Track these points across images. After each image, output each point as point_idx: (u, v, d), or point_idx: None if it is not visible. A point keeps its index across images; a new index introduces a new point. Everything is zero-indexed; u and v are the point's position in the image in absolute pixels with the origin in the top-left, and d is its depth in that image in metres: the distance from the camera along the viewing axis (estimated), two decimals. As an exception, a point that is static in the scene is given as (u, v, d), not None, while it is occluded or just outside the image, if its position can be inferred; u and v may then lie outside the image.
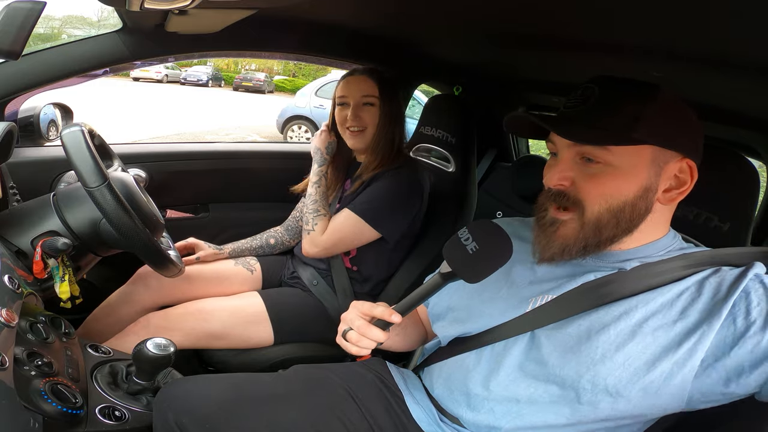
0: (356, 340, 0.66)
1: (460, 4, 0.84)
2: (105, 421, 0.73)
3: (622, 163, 0.60)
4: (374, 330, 0.66)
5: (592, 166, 0.62)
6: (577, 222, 0.63)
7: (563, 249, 0.65)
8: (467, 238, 0.61)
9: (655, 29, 0.68)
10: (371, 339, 0.65)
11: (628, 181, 0.61)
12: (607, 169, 0.61)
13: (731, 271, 0.60)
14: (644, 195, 0.61)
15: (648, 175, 0.61)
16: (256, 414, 0.72)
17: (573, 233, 0.64)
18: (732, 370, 0.55)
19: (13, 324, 0.63)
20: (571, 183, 0.64)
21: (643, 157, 0.61)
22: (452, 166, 1.37)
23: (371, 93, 1.18)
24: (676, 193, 0.63)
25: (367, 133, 1.20)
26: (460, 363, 0.74)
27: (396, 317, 0.65)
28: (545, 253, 0.67)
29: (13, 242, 0.83)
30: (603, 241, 0.63)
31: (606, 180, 0.61)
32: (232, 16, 0.94)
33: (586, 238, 0.63)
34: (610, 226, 0.62)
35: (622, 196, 0.61)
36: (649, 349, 0.58)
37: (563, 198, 0.64)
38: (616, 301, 0.62)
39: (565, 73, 1.21)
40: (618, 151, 0.60)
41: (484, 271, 0.61)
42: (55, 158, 1.26)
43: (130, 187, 0.95)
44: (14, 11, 0.79)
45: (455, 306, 0.78)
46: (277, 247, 1.39)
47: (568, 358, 0.62)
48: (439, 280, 0.62)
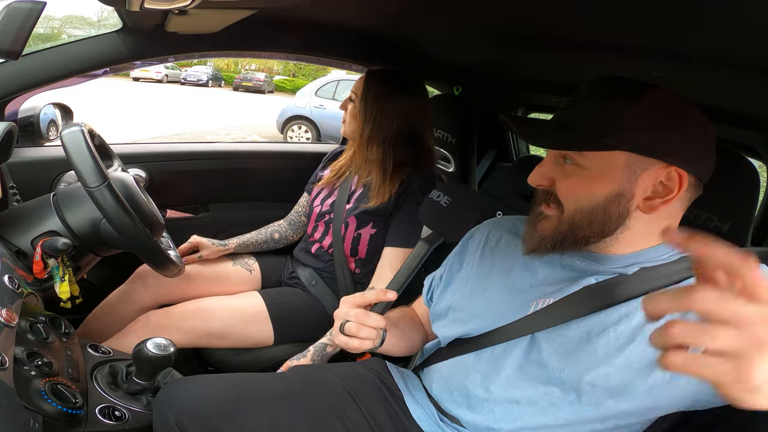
0: (356, 331, 0.65)
1: (460, 4, 0.84)
2: (105, 421, 0.73)
3: (593, 166, 0.60)
4: (372, 316, 0.65)
5: (568, 167, 0.63)
6: (556, 219, 0.64)
7: (540, 241, 0.66)
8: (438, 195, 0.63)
9: (656, 29, 0.68)
10: (371, 326, 0.64)
11: (599, 185, 0.60)
12: (580, 171, 0.62)
13: None
14: (616, 200, 0.60)
15: (620, 180, 0.60)
16: (256, 414, 0.72)
17: (551, 228, 0.65)
18: None
19: (13, 324, 0.64)
20: (551, 183, 0.64)
21: (616, 162, 0.59)
22: (452, 166, 1.37)
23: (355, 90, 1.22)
24: (660, 201, 0.60)
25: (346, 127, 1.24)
26: (459, 364, 0.74)
27: (391, 294, 0.65)
28: (527, 244, 0.68)
29: (13, 242, 0.84)
30: (578, 240, 0.64)
31: (577, 182, 0.62)
32: (232, 16, 0.94)
33: (562, 233, 0.64)
34: (583, 226, 0.62)
35: (593, 199, 0.61)
36: (650, 351, 0.58)
37: (548, 195, 0.65)
38: (616, 304, 0.62)
39: (565, 73, 1.21)
40: (589, 155, 0.60)
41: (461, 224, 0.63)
42: (55, 158, 1.26)
43: (130, 187, 0.95)
44: (14, 11, 0.79)
45: (456, 305, 0.78)
46: (281, 242, 1.38)
47: (568, 360, 0.62)
48: (423, 246, 0.63)
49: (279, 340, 1.14)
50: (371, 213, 1.17)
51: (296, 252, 1.34)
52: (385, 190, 1.16)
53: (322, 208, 1.27)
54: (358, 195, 1.22)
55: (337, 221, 1.21)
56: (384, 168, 1.16)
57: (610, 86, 0.62)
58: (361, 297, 0.66)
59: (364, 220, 1.19)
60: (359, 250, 1.21)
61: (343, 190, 1.24)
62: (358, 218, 1.19)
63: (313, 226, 1.29)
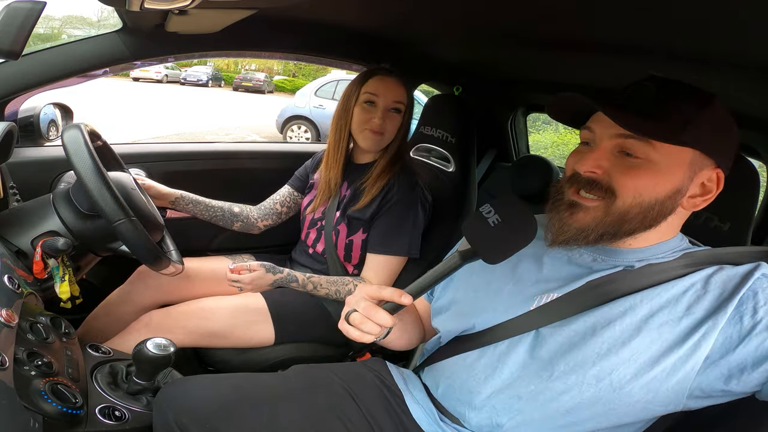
0: (359, 323, 0.61)
1: (461, 5, 0.84)
2: (105, 421, 0.73)
3: (662, 160, 0.60)
4: (381, 312, 0.60)
5: (631, 160, 0.61)
6: (602, 210, 0.62)
7: (579, 234, 0.64)
8: (489, 212, 0.57)
9: (655, 29, 0.69)
10: (376, 322, 0.61)
11: (664, 180, 0.61)
12: (647, 164, 0.61)
13: (737, 269, 0.61)
14: (674, 196, 0.62)
15: (683, 177, 0.61)
16: (256, 414, 0.72)
17: (593, 220, 0.63)
18: (735, 368, 0.55)
19: (13, 324, 0.64)
20: (603, 172, 0.62)
21: (683, 159, 0.61)
22: (452, 166, 1.37)
23: (401, 100, 1.16)
24: (701, 200, 0.63)
25: (385, 139, 1.17)
26: (462, 361, 0.74)
27: (407, 298, 0.60)
28: (559, 236, 0.65)
29: (13, 242, 0.84)
30: (622, 232, 0.63)
31: (643, 174, 0.61)
32: (232, 16, 0.94)
33: (606, 226, 0.62)
34: (635, 220, 0.62)
35: (655, 193, 0.61)
36: (655, 344, 0.59)
37: (593, 185, 0.63)
38: (620, 297, 0.62)
39: (566, 73, 1.22)
40: (661, 149, 0.60)
41: (506, 248, 0.57)
42: (55, 158, 1.26)
43: (129, 188, 0.95)
44: (14, 11, 0.79)
45: (460, 299, 0.77)
46: (240, 219, 1.30)
47: (572, 354, 0.62)
48: (457, 259, 0.58)
49: (279, 339, 1.14)
50: (358, 218, 1.18)
51: (294, 254, 1.34)
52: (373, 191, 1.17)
53: (314, 215, 1.27)
54: (345, 201, 1.22)
55: (329, 228, 1.22)
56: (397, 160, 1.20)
57: (674, 87, 0.63)
58: (378, 290, 0.62)
59: (354, 225, 1.20)
60: (352, 255, 1.22)
61: (334, 198, 1.24)
62: (349, 225, 1.20)
63: (305, 233, 1.30)
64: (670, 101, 0.61)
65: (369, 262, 1.18)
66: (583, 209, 0.64)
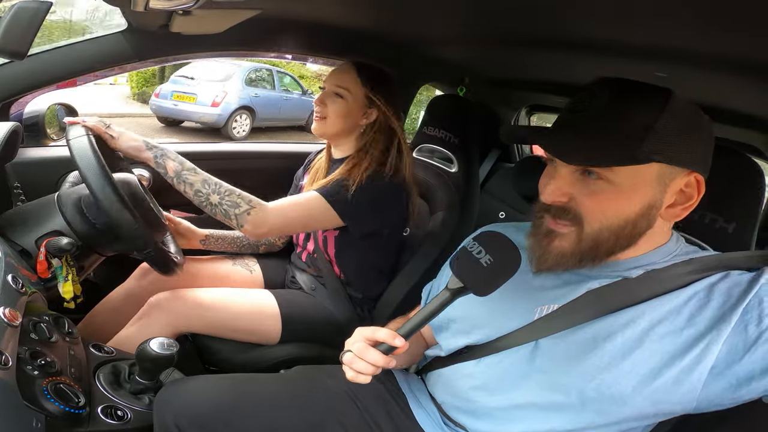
0: (349, 362, 0.62)
1: (462, 5, 0.84)
2: (107, 421, 0.73)
3: (624, 181, 0.57)
4: (372, 352, 0.61)
5: (593, 182, 0.58)
6: (575, 236, 0.61)
7: (558, 260, 0.63)
8: (479, 252, 0.58)
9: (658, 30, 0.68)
10: (368, 362, 0.61)
11: (631, 200, 0.58)
12: (609, 186, 0.58)
13: (741, 276, 0.59)
14: (647, 213, 0.59)
15: (652, 192, 0.58)
16: (255, 417, 0.72)
17: (570, 246, 0.61)
18: (743, 377, 0.54)
19: (16, 323, 0.64)
20: (569, 198, 0.60)
21: (648, 175, 0.57)
22: (455, 166, 1.37)
23: (342, 84, 1.13)
24: (681, 208, 0.60)
25: (328, 124, 1.14)
26: (461, 370, 0.73)
27: (399, 341, 0.60)
28: (542, 264, 0.64)
29: (18, 242, 0.84)
30: (600, 254, 0.61)
31: (605, 198, 0.58)
32: (236, 17, 0.94)
33: (582, 252, 0.61)
34: (609, 242, 0.60)
35: (623, 215, 0.58)
36: (656, 356, 0.57)
37: (563, 212, 0.61)
38: (622, 309, 0.61)
39: (568, 73, 1.21)
40: (620, 171, 0.57)
41: (495, 282, 0.58)
42: (59, 158, 1.26)
43: (134, 188, 0.95)
44: (20, 12, 0.79)
45: (456, 317, 0.76)
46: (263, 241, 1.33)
47: (573, 365, 0.61)
48: (447, 297, 0.59)
49: (284, 338, 1.13)
50: None
51: (293, 257, 1.34)
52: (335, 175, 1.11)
53: None
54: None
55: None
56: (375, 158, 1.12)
57: (628, 91, 0.58)
58: (372, 332, 0.62)
59: None
60: (329, 252, 1.20)
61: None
62: None
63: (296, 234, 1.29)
64: (625, 108, 0.57)
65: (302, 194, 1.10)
66: (559, 236, 0.62)
